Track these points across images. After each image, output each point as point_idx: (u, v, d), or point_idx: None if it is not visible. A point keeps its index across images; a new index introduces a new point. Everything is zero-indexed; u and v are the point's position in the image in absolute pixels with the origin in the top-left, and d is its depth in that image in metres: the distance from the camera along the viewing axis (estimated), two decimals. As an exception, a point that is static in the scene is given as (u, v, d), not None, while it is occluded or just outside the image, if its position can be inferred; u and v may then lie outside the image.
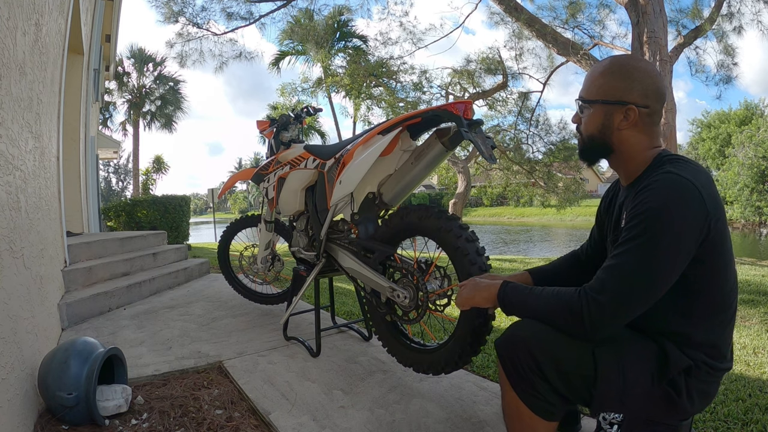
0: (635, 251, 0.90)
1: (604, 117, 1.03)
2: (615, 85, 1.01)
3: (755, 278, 4.43)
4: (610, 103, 1.01)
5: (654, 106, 1.01)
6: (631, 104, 0.99)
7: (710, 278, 0.95)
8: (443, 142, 1.53)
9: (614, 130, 1.03)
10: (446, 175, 14.38)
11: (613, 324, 0.93)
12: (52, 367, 1.47)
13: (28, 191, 1.83)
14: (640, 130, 1.02)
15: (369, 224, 1.80)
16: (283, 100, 18.25)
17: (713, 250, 0.93)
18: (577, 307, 0.94)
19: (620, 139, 1.03)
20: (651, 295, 0.91)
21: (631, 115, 1.00)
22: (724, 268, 0.96)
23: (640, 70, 1.01)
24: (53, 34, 2.58)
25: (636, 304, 0.92)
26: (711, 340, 0.97)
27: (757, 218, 17.80)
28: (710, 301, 0.96)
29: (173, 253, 4.23)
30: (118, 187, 47.02)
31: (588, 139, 1.08)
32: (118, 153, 16.11)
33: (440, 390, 1.71)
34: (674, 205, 0.89)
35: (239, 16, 8.55)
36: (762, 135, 17.96)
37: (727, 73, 8.25)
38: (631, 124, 1.01)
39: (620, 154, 1.05)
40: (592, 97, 1.05)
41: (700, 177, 0.93)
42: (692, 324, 0.97)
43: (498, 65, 10.23)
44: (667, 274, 0.90)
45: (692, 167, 0.95)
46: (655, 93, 1.00)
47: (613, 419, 1.32)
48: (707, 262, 0.93)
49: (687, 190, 0.90)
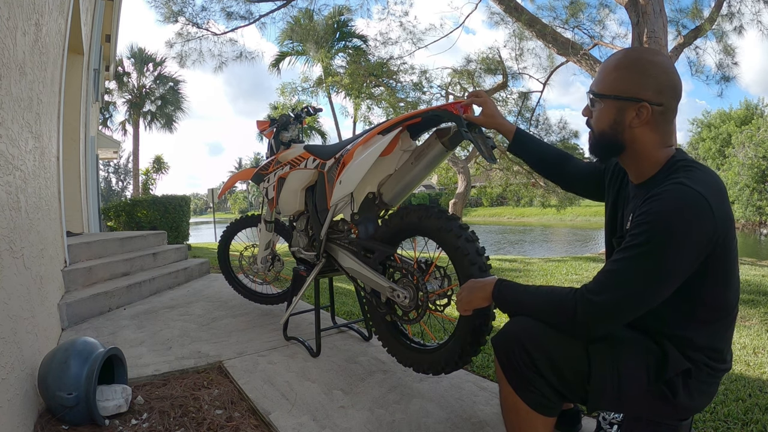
0: (636, 259, 0.89)
1: (616, 113, 0.98)
2: (629, 80, 0.96)
3: (755, 278, 4.43)
4: (623, 99, 0.97)
5: (668, 103, 0.96)
6: (645, 101, 0.94)
7: (713, 287, 0.94)
8: (443, 142, 1.53)
9: (626, 127, 0.98)
10: (446, 175, 14.36)
11: (604, 326, 0.94)
12: (52, 367, 1.47)
13: (28, 191, 1.83)
14: (653, 129, 0.97)
15: (369, 224, 1.80)
16: (283, 100, 18.25)
17: (717, 264, 0.92)
18: (571, 306, 0.95)
19: (632, 137, 0.99)
20: (646, 303, 0.91)
21: (644, 113, 0.95)
22: (728, 277, 0.95)
23: (656, 65, 0.95)
24: (53, 34, 2.58)
25: (629, 309, 0.92)
26: (712, 344, 0.97)
27: (757, 218, 17.79)
28: (712, 307, 0.96)
29: (173, 253, 4.23)
30: (118, 187, 47.06)
31: (599, 135, 1.03)
32: (118, 153, 16.12)
33: (440, 390, 1.71)
34: (681, 220, 0.86)
35: (239, 16, 8.56)
36: (762, 135, 17.95)
37: (726, 72, 8.25)
38: (643, 122, 0.96)
39: (632, 152, 1.01)
40: (604, 91, 1.00)
41: (713, 189, 0.89)
42: (693, 328, 0.97)
43: (498, 65, 10.23)
44: (665, 285, 0.89)
45: (706, 177, 0.92)
46: (671, 90, 0.96)
47: (613, 419, 1.33)
48: (710, 274, 0.92)
49: (696, 205, 0.86)
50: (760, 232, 17.39)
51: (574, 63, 7.47)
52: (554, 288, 1.02)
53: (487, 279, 1.15)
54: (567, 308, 0.95)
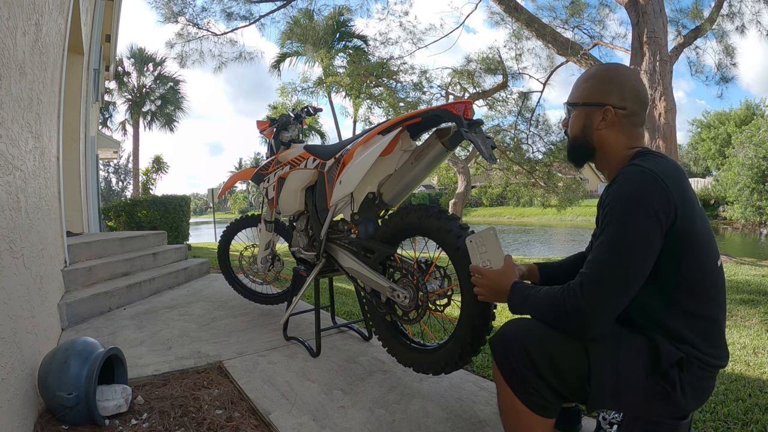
0: (606, 242, 0.95)
1: (585, 118, 1.11)
2: (595, 88, 1.10)
3: (755, 278, 4.42)
4: (590, 105, 1.10)
5: (631, 107, 1.07)
6: (609, 105, 1.07)
7: (686, 269, 0.97)
8: (443, 142, 1.53)
9: (594, 130, 1.10)
10: (446, 175, 14.37)
11: (595, 314, 0.94)
12: (52, 367, 1.47)
13: (28, 191, 1.83)
14: (619, 131, 1.09)
15: (369, 224, 1.80)
16: (283, 99, 18.26)
17: (684, 240, 0.95)
18: (561, 300, 0.98)
19: (600, 138, 1.10)
20: (627, 282, 0.94)
21: (608, 116, 1.07)
22: (701, 259, 0.98)
23: (620, 75, 1.09)
24: (53, 34, 2.58)
25: (613, 292, 0.94)
26: (700, 337, 0.98)
27: (757, 218, 17.78)
28: (692, 294, 0.98)
29: (173, 253, 4.23)
30: (118, 187, 47.06)
31: (573, 139, 1.16)
32: (118, 153, 16.12)
33: (440, 390, 1.71)
34: (636, 194, 0.94)
35: (239, 16, 8.58)
36: (762, 135, 17.93)
37: (726, 73, 8.25)
38: (609, 124, 1.08)
39: (601, 154, 1.12)
40: (575, 100, 1.13)
41: (666, 169, 0.97)
42: (679, 317, 0.98)
43: (498, 65, 10.23)
44: (639, 260, 0.93)
45: (659, 160, 1.00)
46: (633, 95, 1.07)
47: (613, 419, 1.33)
48: (679, 252, 0.96)
49: (648, 180, 0.95)
50: (760, 232, 17.39)
51: (574, 63, 7.47)
52: (550, 288, 1.03)
53: (508, 281, 1.15)
54: (558, 304, 0.98)
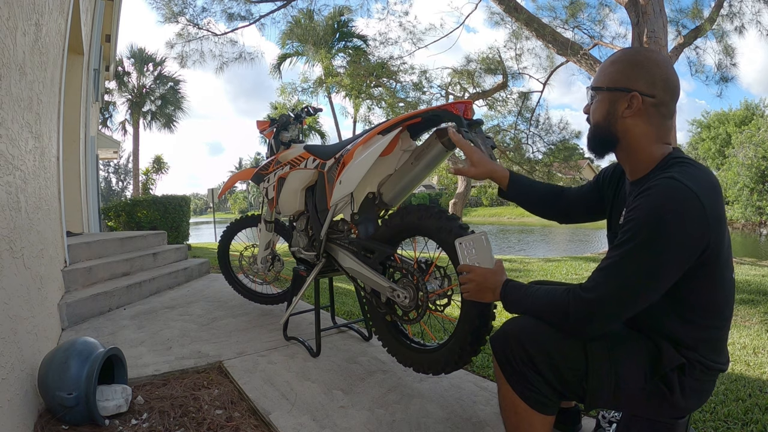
0: (626, 255, 0.90)
1: (609, 105, 1.01)
2: (622, 72, 0.99)
3: (755, 278, 4.42)
4: (615, 90, 0.99)
5: (661, 96, 0.96)
6: (636, 91, 0.96)
7: (702, 290, 0.94)
8: (443, 142, 1.53)
9: (618, 117, 1.00)
10: (446, 175, 14.38)
11: (597, 323, 0.94)
12: (52, 367, 1.47)
13: (28, 191, 1.83)
14: (646, 121, 0.98)
15: (369, 224, 1.80)
16: (284, 99, 18.25)
17: (709, 264, 0.91)
18: (564, 304, 0.96)
19: (624, 127, 1.00)
20: (638, 300, 0.91)
21: (635, 103, 0.97)
22: (720, 278, 0.95)
23: (650, 60, 0.98)
24: (53, 34, 2.58)
25: (621, 307, 0.92)
26: (705, 344, 0.97)
27: (757, 218, 17.78)
28: (703, 310, 0.96)
29: (173, 253, 4.23)
30: (118, 187, 47.08)
31: (595, 127, 1.06)
32: (118, 153, 16.12)
33: (440, 390, 1.71)
34: (671, 215, 0.85)
35: (239, 17, 8.57)
36: (762, 135, 17.94)
37: (726, 73, 8.25)
38: (635, 113, 0.98)
39: (625, 145, 1.02)
40: (599, 84, 1.03)
41: (706, 189, 0.88)
42: (687, 327, 0.97)
43: (498, 65, 10.24)
44: (656, 282, 0.89)
45: (699, 174, 0.91)
46: (663, 83, 0.97)
47: (613, 418, 1.33)
48: (702, 274, 0.92)
49: (690, 207, 0.86)
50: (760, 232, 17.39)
51: (574, 63, 7.47)
52: (551, 288, 1.03)
53: (498, 279, 1.14)
54: (561, 307, 0.97)
